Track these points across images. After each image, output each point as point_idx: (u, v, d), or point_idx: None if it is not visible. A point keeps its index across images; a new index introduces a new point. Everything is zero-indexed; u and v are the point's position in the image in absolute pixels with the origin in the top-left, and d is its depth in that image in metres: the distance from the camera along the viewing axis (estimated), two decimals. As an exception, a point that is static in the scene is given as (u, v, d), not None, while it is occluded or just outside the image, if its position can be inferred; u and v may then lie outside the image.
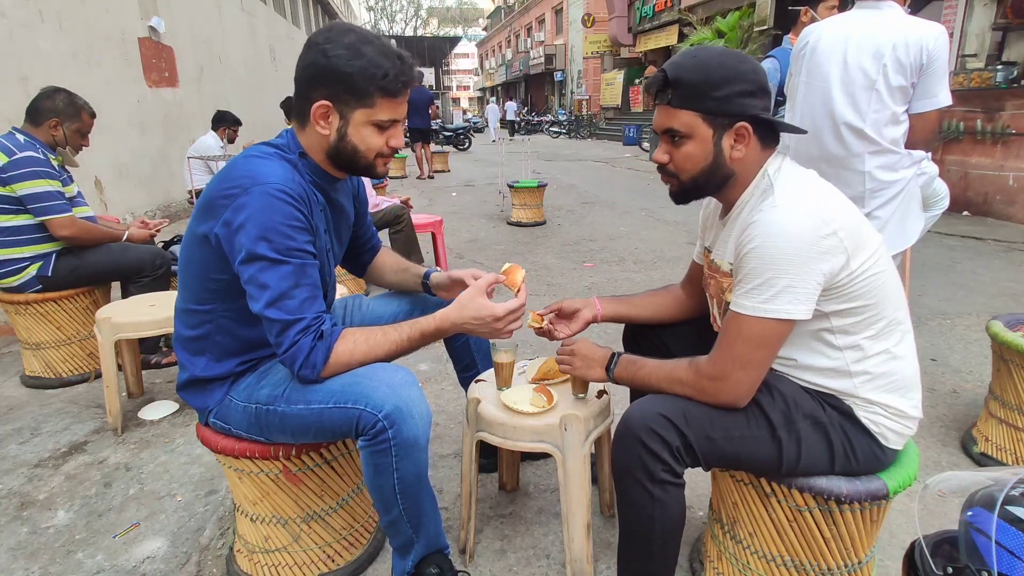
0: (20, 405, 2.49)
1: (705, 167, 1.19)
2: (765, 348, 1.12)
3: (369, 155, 1.28)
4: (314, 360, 1.20)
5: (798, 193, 1.12)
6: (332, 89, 1.21)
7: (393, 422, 1.18)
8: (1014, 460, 1.94)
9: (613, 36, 21.39)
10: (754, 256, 1.09)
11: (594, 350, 1.38)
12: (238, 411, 1.32)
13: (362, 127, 1.25)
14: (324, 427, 1.25)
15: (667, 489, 1.16)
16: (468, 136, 18.14)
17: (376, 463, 1.22)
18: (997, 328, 1.94)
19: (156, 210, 6.07)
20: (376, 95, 1.22)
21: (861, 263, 1.10)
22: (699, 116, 1.15)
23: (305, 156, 1.30)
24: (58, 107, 2.55)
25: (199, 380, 1.35)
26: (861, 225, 1.14)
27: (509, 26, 39.08)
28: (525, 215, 6.38)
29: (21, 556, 1.63)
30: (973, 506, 0.75)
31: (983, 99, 5.99)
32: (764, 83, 1.16)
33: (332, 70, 1.19)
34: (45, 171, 2.45)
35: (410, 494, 1.27)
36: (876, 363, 1.16)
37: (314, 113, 1.23)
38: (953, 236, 5.37)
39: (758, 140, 1.18)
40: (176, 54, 6.90)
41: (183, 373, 1.37)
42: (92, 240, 2.60)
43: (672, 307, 1.54)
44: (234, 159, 1.26)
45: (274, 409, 1.28)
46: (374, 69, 1.19)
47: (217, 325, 1.31)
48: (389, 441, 1.19)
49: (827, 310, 1.13)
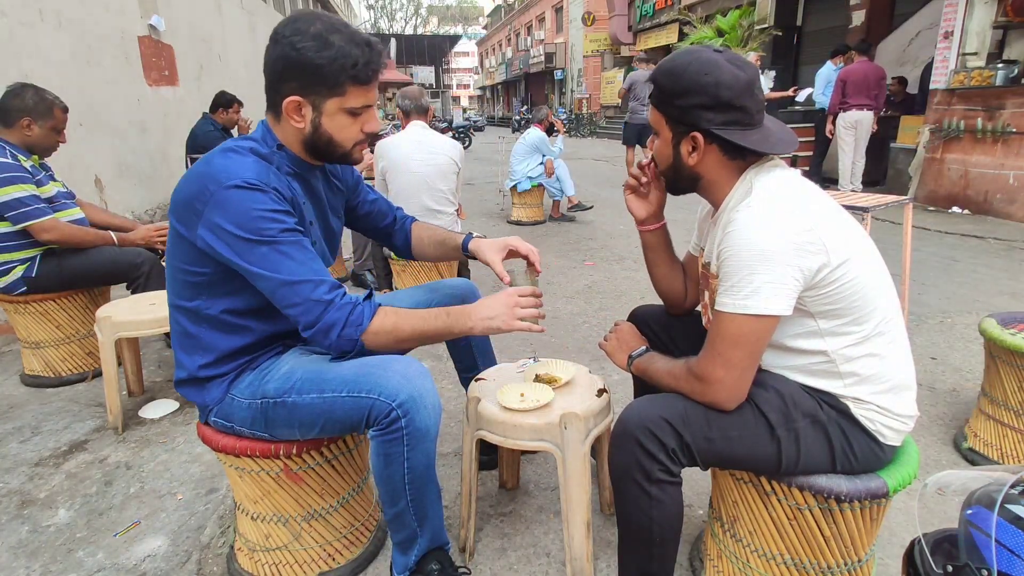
0: (20, 404, 2.49)
1: (668, 165, 1.28)
2: (746, 346, 1.12)
3: (346, 144, 1.30)
4: (358, 318, 1.20)
5: (775, 194, 1.13)
6: (302, 82, 1.21)
7: (407, 411, 1.19)
8: (1000, 456, 1.95)
9: (613, 35, 21.36)
10: (731, 255, 1.11)
11: (632, 339, 1.46)
12: (242, 408, 1.32)
13: (335, 116, 1.25)
14: (334, 418, 1.25)
15: (664, 488, 1.17)
16: (469, 135, 18.22)
17: (387, 452, 1.23)
18: (986, 325, 1.96)
19: (156, 209, 6.07)
20: (347, 84, 1.22)
21: (843, 261, 1.09)
22: (663, 118, 1.24)
23: (283, 148, 1.31)
24: (28, 105, 2.45)
25: (197, 379, 1.34)
26: (844, 226, 1.14)
27: (509, 24, 39.04)
28: (525, 214, 6.39)
29: (22, 555, 1.63)
30: (973, 504, 0.75)
31: (983, 97, 5.98)
32: (724, 98, 1.14)
33: (302, 63, 1.19)
34: (16, 176, 2.35)
35: (418, 484, 1.27)
36: (864, 364, 1.16)
37: (286, 108, 1.23)
38: (953, 235, 5.37)
39: (720, 151, 1.20)
40: (176, 53, 6.89)
41: (180, 371, 1.36)
42: (77, 243, 2.50)
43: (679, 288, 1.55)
44: (209, 155, 1.25)
45: (283, 401, 1.27)
46: (343, 59, 1.19)
47: (206, 323, 1.30)
48: (402, 430, 1.20)
49: (813, 310, 1.13)
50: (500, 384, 1.58)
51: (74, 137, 2.85)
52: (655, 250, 1.54)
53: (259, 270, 1.18)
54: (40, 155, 2.57)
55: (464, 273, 3.71)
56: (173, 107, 6.68)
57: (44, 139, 2.52)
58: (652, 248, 1.54)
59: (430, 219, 3.04)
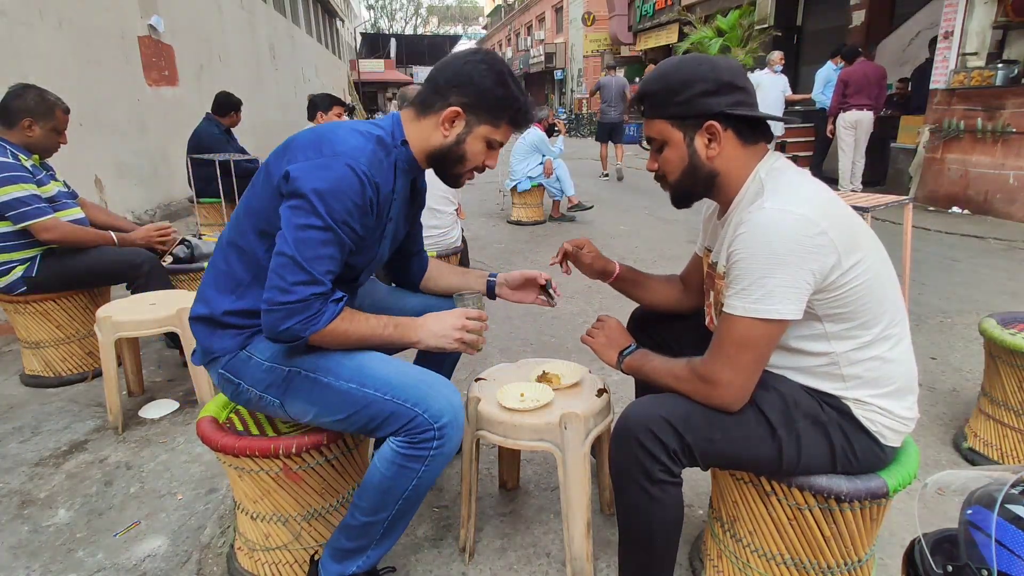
0: (20, 404, 2.49)
1: (685, 169, 1.23)
2: (755, 349, 1.11)
3: (469, 166, 1.39)
4: (315, 325, 1.20)
5: (787, 194, 1.12)
6: (472, 100, 1.31)
7: (444, 435, 1.22)
8: (1000, 456, 1.95)
9: (613, 34, 21.34)
10: (744, 257, 1.09)
11: (620, 335, 1.44)
12: (259, 369, 1.30)
13: (479, 140, 1.35)
14: (365, 414, 1.25)
15: (665, 489, 1.16)
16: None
17: (403, 465, 1.23)
18: (987, 325, 1.96)
19: (156, 209, 6.07)
20: (504, 121, 1.35)
21: (853, 264, 1.09)
22: (668, 123, 1.22)
23: (405, 144, 1.35)
24: (30, 106, 2.45)
25: (215, 320, 1.31)
26: (854, 226, 1.13)
27: (509, 24, 39.03)
28: (525, 214, 6.38)
29: (22, 554, 1.63)
30: (973, 504, 0.75)
31: (983, 97, 5.98)
32: (727, 79, 1.16)
33: (481, 87, 1.30)
34: (17, 176, 2.36)
35: (411, 503, 1.29)
36: (868, 367, 1.15)
37: (446, 114, 1.31)
38: (953, 235, 5.37)
39: (736, 136, 1.19)
40: (176, 53, 6.89)
41: (201, 307, 1.33)
42: (78, 243, 2.50)
43: (676, 296, 1.58)
44: (336, 125, 1.29)
45: (316, 379, 1.27)
46: (513, 101, 1.34)
47: (259, 271, 1.28)
48: (430, 451, 1.22)
49: (820, 313, 1.13)
50: (500, 384, 1.58)
51: (74, 137, 2.85)
52: (629, 290, 1.61)
53: (291, 233, 1.18)
54: (41, 155, 2.57)
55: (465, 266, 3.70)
56: (173, 107, 6.68)
57: (45, 140, 2.52)
58: (625, 291, 1.62)
59: (429, 218, 3.03)
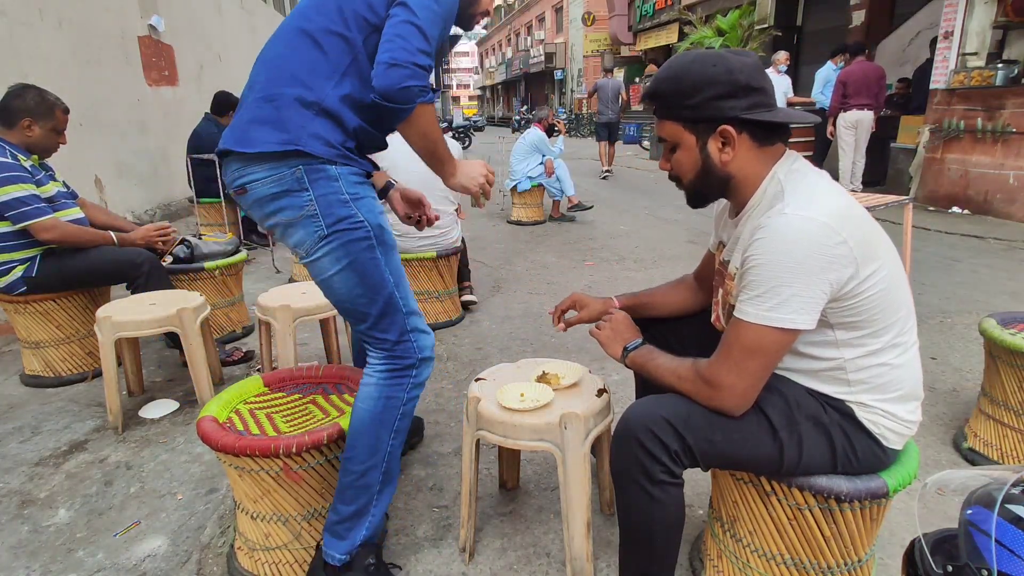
0: (20, 404, 2.49)
1: (697, 172, 1.20)
2: (764, 357, 1.10)
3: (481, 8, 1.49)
4: (425, 95, 1.21)
5: (808, 200, 1.08)
6: None
7: (421, 365, 1.39)
8: (1000, 456, 1.95)
9: (613, 35, 21.35)
10: (761, 263, 1.07)
11: (626, 330, 1.42)
12: (337, 195, 1.26)
13: None
14: (376, 302, 1.32)
15: (666, 489, 1.16)
16: (469, 134, 18.27)
17: (388, 396, 1.35)
18: (987, 325, 1.96)
19: (156, 209, 6.07)
20: None
21: (870, 273, 1.07)
22: (680, 125, 1.18)
23: None
24: (29, 106, 2.45)
25: (323, 108, 1.26)
26: (873, 234, 1.11)
27: (509, 24, 39.04)
28: (525, 214, 6.38)
29: (22, 554, 1.63)
30: (973, 504, 0.75)
31: (983, 97, 5.98)
32: (743, 81, 1.11)
33: None
34: (16, 175, 2.36)
35: (400, 435, 1.39)
36: (875, 373, 1.14)
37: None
38: (953, 235, 5.37)
39: (751, 139, 1.15)
40: (176, 53, 6.89)
41: (303, 90, 1.25)
42: (77, 243, 2.50)
43: (690, 299, 1.55)
44: None
45: (373, 244, 1.30)
46: None
47: (355, 60, 1.27)
48: (409, 379, 1.37)
49: (833, 320, 1.11)
50: (500, 384, 1.58)
51: (74, 137, 2.85)
52: (638, 315, 1.54)
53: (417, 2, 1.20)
54: (40, 156, 2.57)
55: (464, 273, 3.70)
56: (173, 107, 6.67)
57: (45, 140, 2.52)
58: (634, 316, 1.52)
59: None
